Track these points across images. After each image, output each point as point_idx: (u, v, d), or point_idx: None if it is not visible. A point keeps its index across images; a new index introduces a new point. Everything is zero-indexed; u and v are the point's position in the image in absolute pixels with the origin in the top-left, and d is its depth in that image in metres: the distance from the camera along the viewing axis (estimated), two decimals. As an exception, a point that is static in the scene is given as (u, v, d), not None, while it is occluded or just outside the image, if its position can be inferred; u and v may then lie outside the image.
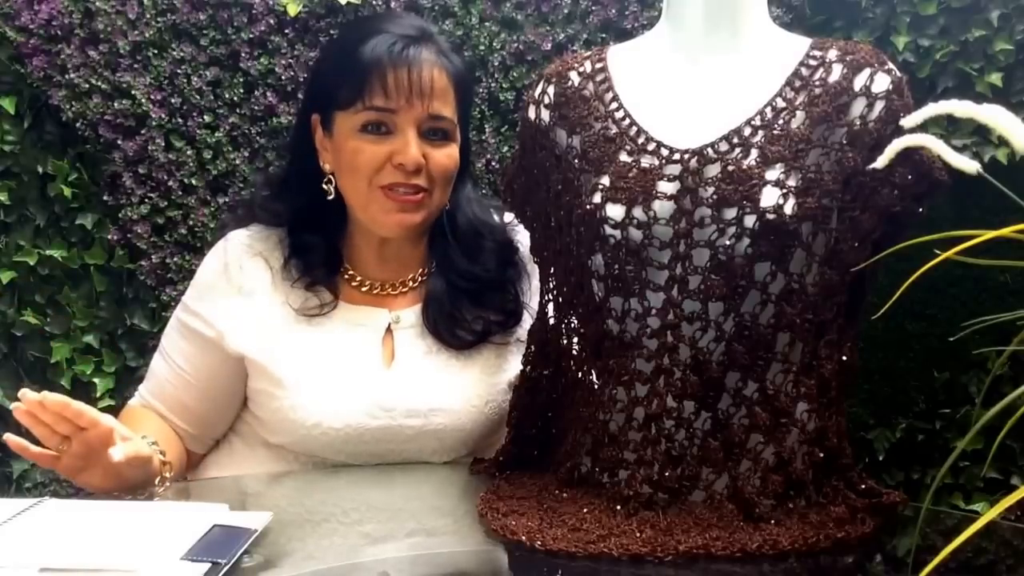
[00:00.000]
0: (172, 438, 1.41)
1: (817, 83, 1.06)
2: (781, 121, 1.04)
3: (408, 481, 1.31)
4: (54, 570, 0.86)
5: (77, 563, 0.87)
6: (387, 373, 1.37)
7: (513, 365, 1.38)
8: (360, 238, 1.43)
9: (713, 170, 1.03)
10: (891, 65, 1.07)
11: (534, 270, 1.40)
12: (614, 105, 1.11)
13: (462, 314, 1.39)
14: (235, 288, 1.40)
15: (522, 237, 1.43)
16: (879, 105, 1.03)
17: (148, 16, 2.03)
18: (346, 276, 1.43)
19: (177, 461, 1.38)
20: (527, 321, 1.39)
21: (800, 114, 1.05)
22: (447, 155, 1.37)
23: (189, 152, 2.06)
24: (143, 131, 2.06)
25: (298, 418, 1.33)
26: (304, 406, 1.33)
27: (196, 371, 1.41)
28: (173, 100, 2.05)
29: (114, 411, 1.40)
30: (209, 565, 0.89)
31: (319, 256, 1.41)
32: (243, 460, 1.42)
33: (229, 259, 1.42)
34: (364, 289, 1.42)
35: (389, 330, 1.39)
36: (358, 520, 1.15)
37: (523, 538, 0.97)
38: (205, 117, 2.06)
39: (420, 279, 1.44)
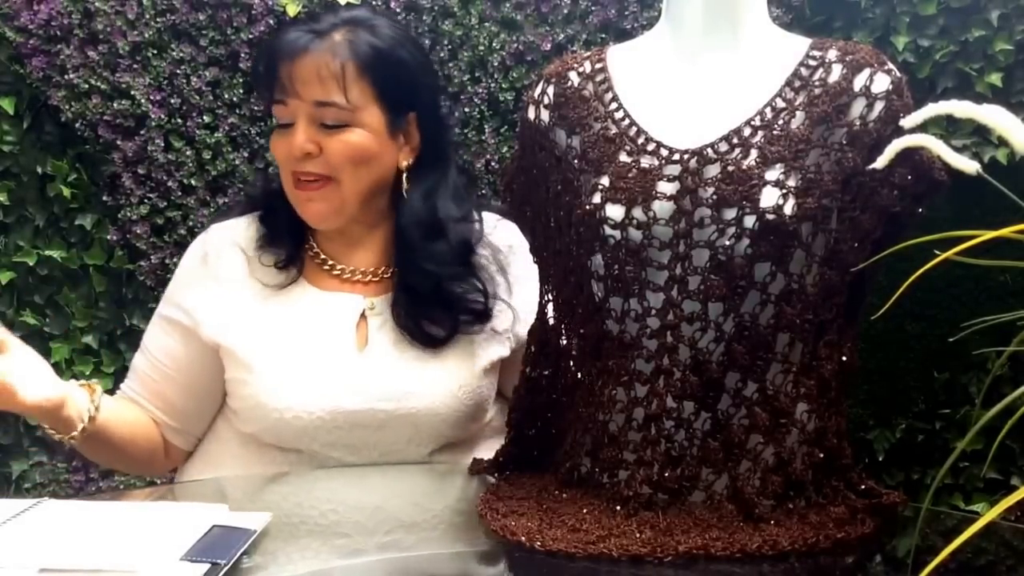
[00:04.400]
0: (146, 420, 1.44)
1: (817, 83, 1.06)
2: (781, 121, 1.04)
3: (408, 481, 1.31)
4: (53, 571, 0.86)
5: (76, 564, 0.87)
6: (359, 357, 1.37)
7: (487, 351, 1.40)
8: None
9: (713, 170, 1.03)
10: (891, 65, 1.07)
11: (512, 260, 1.42)
12: (614, 105, 1.11)
13: (428, 319, 1.38)
14: (212, 277, 1.42)
15: (505, 234, 1.43)
16: (879, 105, 1.03)
17: (148, 16, 2.03)
18: (318, 260, 1.44)
19: (144, 432, 1.42)
20: (502, 314, 1.40)
21: (800, 114, 1.04)
22: (342, 140, 1.36)
23: (188, 152, 2.06)
24: (142, 131, 2.06)
25: (269, 403, 1.34)
26: (275, 390, 1.34)
27: (175, 363, 1.42)
28: (172, 100, 2.05)
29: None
30: (208, 566, 0.89)
31: (283, 222, 1.43)
32: (221, 459, 1.43)
33: (208, 249, 1.45)
34: (336, 273, 1.43)
35: (363, 316, 1.40)
36: (358, 520, 1.15)
37: (523, 539, 0.97)
38: (205, 117, 2.06)
39: (392, 271, 1.44)
